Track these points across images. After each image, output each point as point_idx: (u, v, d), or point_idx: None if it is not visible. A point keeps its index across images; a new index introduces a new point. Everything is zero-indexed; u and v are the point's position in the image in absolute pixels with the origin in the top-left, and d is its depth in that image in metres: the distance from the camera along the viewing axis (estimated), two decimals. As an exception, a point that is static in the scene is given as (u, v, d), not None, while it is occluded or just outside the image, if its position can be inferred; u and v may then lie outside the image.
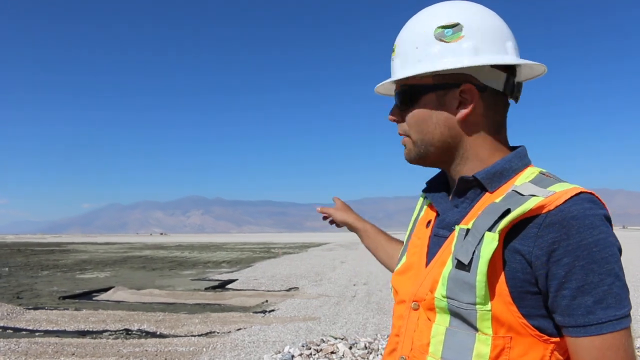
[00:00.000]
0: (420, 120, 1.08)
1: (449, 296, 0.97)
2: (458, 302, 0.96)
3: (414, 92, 1.08)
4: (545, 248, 0.91)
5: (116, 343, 7.35)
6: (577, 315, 0.90)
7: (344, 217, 1.69)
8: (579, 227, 0.90)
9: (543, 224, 0.92)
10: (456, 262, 0.97)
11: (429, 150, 1.09)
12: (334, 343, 6.39)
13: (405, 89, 1.09)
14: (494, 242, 0.92)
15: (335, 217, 1.69)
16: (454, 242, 0.99)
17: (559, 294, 0.91)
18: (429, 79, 1.06)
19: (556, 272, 0.90)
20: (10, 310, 9.81)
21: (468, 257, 0.94)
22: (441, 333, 1.00)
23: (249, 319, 9.22)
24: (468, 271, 0.94)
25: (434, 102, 1.06)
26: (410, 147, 1.11)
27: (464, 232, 0.98)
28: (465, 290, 0.95)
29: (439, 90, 1.06)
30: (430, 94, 1.06)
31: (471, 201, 1.06)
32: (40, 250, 38.80)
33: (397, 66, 1.11)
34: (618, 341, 0.89)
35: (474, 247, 0.95)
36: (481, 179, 1.04)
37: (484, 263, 0.92)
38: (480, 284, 0.92)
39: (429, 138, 1.08)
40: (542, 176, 1.02)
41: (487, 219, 0.96)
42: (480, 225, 0.96)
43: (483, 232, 0.95)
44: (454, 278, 0.96)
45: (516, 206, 0.93)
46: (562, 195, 0.92)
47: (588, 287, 0.89)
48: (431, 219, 1.15)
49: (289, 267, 20.58)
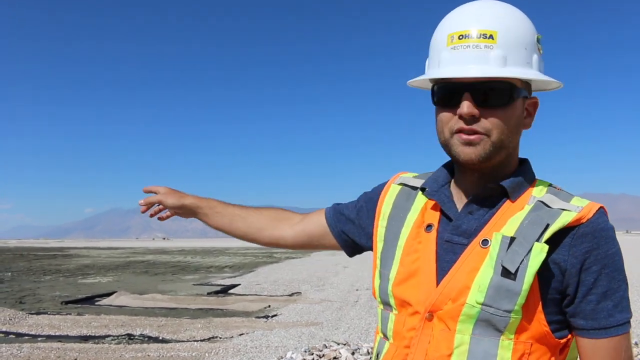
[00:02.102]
0: (508, 122, 1.03)
1: (486, 303, 0.97)
2: (494, 309, 0.96)
3: (514, 92, 1.03)
4: (580, 257, 0.98)
5: (118, 348, 7.34)
6: (600, 319, 0.99)
7: (179, 200, 1.45)
8: (606, 238, 1.00)
9: (576, 235, 0.99)
10: (501, 270, 0.97)
11: (500, 153, 1.05)
12: (337, 348, 6.37)
13: (505, 88, 1.02)
14: (542, 253, 0.96)
15: (166, 203, 1.45)
16: (496, 250, 0.98)
17: (585, 299, 0.99)
18: (520, 82, 1.04)
19: (586, 279, 0.98)
20: (13, 315, 9.81)
21: (515, 266, 0.96)
22: (466, 342, 0.99)
23: (252, 324, 9.20)
24: (514, 280, 0.96)
25: (521, 107, 1.07)
26: (486, 147, 1.02)
27: (507, 240, 0.98)
28: (506, 297, 0.96)
29: (526, 98, 1.08)
30: (520, 99, 1.06)
31: (490, 208, 1.06)
32: (42, 255, 38.81)
33: (497, 58, 1.00)
34: (627, 341, 1.01)
35: (522, 257, 0.96)
36: (508, 187, 1.05)
37: (532, 273, 0.95)
38: (524, 292, 0.95)
39: (508, 141, 1.05)
40: (554, 189, 1.08)
41: (534, 230, 0.98)
42: (528, 235, 0.98)
43: (532, 242, 0.97)
44: (497, 285, 0.96)
45: (553, 219, 0.99)
46: (590, 209, 1.00)
47: (610, 292, 0.99)
48: (432, 222, 1.10)
49: (291, 272, 20.54)
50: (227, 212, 1.44)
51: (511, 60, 1.01)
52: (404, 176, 1.24)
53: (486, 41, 1.00)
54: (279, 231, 1.41)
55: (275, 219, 1.42)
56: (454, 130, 1.03)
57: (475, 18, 1.02)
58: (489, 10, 1.03)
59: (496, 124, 1.01)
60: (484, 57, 1.00)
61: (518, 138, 1.09)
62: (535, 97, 1.11)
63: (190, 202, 1.45)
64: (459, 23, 1.04)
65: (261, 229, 1.42)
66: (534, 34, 1.06)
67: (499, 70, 1.00)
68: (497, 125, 1.01)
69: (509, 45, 1.01)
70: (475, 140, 1.02)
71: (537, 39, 1.06)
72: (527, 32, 1.04)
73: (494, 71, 1.00)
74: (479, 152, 1.02)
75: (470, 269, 1.00)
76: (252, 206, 1.46)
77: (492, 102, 1.01)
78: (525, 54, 1.03)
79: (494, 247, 0.99)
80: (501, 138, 1.02)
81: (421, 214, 1.14)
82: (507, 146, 1.04)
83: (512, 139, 1.05)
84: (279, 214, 1.43)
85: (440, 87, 1.05)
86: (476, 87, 1.00)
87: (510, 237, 0.98)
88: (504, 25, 1.01)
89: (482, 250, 1.00)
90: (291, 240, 1.40)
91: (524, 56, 1.02)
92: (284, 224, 1.41)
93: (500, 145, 1.03)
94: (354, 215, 1.30)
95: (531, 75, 1.03)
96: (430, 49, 1.10)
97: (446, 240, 1.07)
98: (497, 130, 1.01)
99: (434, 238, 1.08)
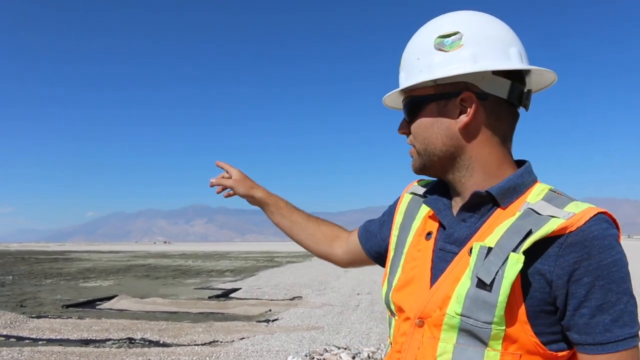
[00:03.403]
0: (422, 130, 1.08)
1: (464, 314, 0.95)
2: (473, 321, 0.94)
3: (417, 102, 1.08)
4: (567, 268, 0.92)
5: (119, 352, 7.33)
6: (595, 334, 0.92)
7: (248, 190, 1.52)
8: (599, 247, 0.92)
9: (564, 244, 0.93)
10: (477, 281, 0.94)
11: (432, 160, 1.08)
12: (337, 353, 6.36)
13: (409, 100, 1.09)
14: (519, 264, 0.92)
15: (237, 191, 1.52)
16: (474, 260, 0.96)
17: (577, 312, 0.93)
18: (430, 89, 1.06)
19: (576, 291, 0.92)
20: (14, 319, 9.80)
21: (490, 277, 0.93)
22: (449, 351, 0.98)
23: (253, 328, 9.19)
24: (489, 291, 0.92)
25: (435, 111, 1.06)
26: (416, 157, 1.11)
27: (485, 251, 0.96)
28: (484, 309, 0.93)
29: (440, 100, 1.05)
30: (431, 104, 1.06)
31: (481, 216, 1.04)
32: (44, 259, 38.83)
33: (403, 78, 1.12)
34: (632, 358, 0.93)
35: (498, 267, 0.93)
36: (495, 194, 1.02)
37: (508, 284, 0.91)
38: (501, 304, 0.92)
39: (431, 148, 1.07)
40: (553, 194, 1.02)
41: (512, 240, 0.94)
42: (504, 245, 0.95)
43: (508, 253, 0.93)
44: (473, 297, 0.94)
45: (537, 227, 0.94)
46: (582, 216, 0.93)
47: (606, 305, 0.91)
48: (432, 230, 1.11)
49: (292, 276, 20.53)
50: (290, 216, 1.53)
51: (407, 76, 1.10)
52: (416, 185, 1.28)
53: (400, 67, 1.14)
54: (332, 249, 1.50)
55: (330, 236, 1.51)
56: None
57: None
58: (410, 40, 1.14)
59: (415, 134, 1.10)
60: (400, 81, 1.13)
61: (454, 141, 1.05)
62: (466, 92, 1.03)
63: (259, 197, 1.53)
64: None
65: (316, 242, 1.52)
66: (429, 39, 1.06)
67: (401, 88, 1.11)
68: (416, 135, 1.10)
69: (405, 65, 1.11)
70: (410, 154, 1.13)
71: (438, 40, 1.05)
72: (419, 41, 1.10)
73: (395, 90, 1.13)
74: (414, 164, 1.12)
75: (454, 278, 0.99)
76: (313, 216, 1.55)
77: (407, 117, 1.11)
78: (418, 63, 1.07)
79: (473, 258, 0.97)
80: (423, 146, 1.08)
81: (423, 222, 1.15)
82: (433, 152, 1.07)
83: (437, 144, 1.06)
84: (333, 232, 1.52)
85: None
86: (404, 106, 1.12)
87: (488, 247, 0.96)
88: (407, 48, 1.12)
89: (467, 260, 0.99)
90: (340, 258, 1.50)
91: (416, 66, 1.08)
92: (336, 243, 1.50)
93: (428, 153, 1.08)
94: (378, 230, 1.36)
95: (411, 82, 1.07)
96: None
97: (440, 248, 1.07)
98: (417, 140, 1.09)
99: (432, 246, 1.09)
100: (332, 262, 1.52)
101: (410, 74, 1.09)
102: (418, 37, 1.11)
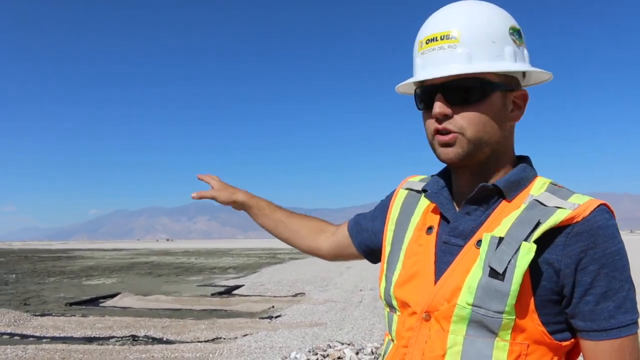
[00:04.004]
0: (484, 118, 1.02)
1: (475, 304, 0.96)
2: (485, 310, 0.96)
3: (486, 87, 1.02)
4: (575, 256, 0.95)
5: (123, 349, 7.36)
6: (600, 320, 0.96)
7: (229, 197, 1.51)
8: (604, 236, 0.96)
9: (571, 233, 0.96)
10: (489, 270, 0.96)
11: (482, 150, 1.04)
12: (341, 348, 6.37)
13: (475, 84, 1.01)
14: (530, 253, 0.94)
15: (219, 200, 1.50)
16: (485, 250, 0.98)
17: (583, 299, 0.96)
18: (494, 76, 1.03)
19: (582, 279, 0.95)
20: (18, 317, 9.84)
21: (503, 266, 0.95)
22: (459, 343, 0.99)
23: (256, 325, 9.21)
24: (502, 280, 0.94)
25: (500, 101, 1.04)
26: (463, 145, 1.02)
27: (496, 241, 0.97)
28: (496, 298, 0.95)
29: (506, 91, 1.05)
30: (497, 93, 1.04)
31: (486, 209, 1.05)
32: (47, 257, 38.94)
33: (461, 56, 1.01)
34: (633, 343, 0.97)
35: (510, 257, 0.95)
36: (502, 187, 1.04)
37: (520, 273, 0.94)
38: (514, 292, 0.94)
39: (487, 138, 1.03)
40: (554, 187, 1.05)
41: (523, 229, 0.96)
42: (516, 235, 0.96)
43: (519, 243, 0.95)
44: (485, 286, 0.95)
45: (545, 217, 0.96)
46: (587, 207, 0.97)
47: (610, 292, 0.95)
48: (433, 224, 1.12)
49: (295, 272, 20.56)
50: (273, 216, 1.52)
51: (477, 56, 1.01)
52: (411, 180, 1.27)
53: (449, 41, 1.02)
54: (317, 243, 1.49)
55: (315, 230, 1.50)
56: (433, 132, 1.05)
57: (438, 21, 1.05)
58: (452, 11, 1.06)
59: (470, 120, 1.02)
60: (449, 57, 1.02)
61: (503, 133, 1.06)
62: (522, 90, 1.08)
63: (241, 201, 1.52)
64: (426, 29, 1.07)
65: (301, 237, 1.51)
66: (505, 26, 1.04)
67: (463, 67, 1.00)
68: (471, 122, 1.02)
69: (473, 42, 1.01)
70: (450, 140, 1.03)
71: (511, 31, 1.05)
72: (495, 25, 1.03)
73: (458, 68, 1.00)
74: (456, 152, 1.03)
75: (464, 270, 1.00)
76: (296, 213, 1.54)
77: (463, 100, 1.02)
78: (493, 47, 1.02)
79: (483, 248, 0.98)
80: (477, 135, 1.02)
81: (423, 216, 1.15)
82: (488, 142, 1.03)
83: (493, 134, 1.03)
84: (319, 226, 1.51)
85: (418, 92, 1.08)
86: (447, 87, 1.02)
87: (499, 237, 0.98)
88: (467, 22, 1.02)
89: (475, 251, 1.00)
90: (326, 251, 1.49)
91: (492, 50, 1.02)
92: (322, 237, 1.49)
93: (478, 142, 1.02)
94: (370, 225, 1.36)
95: (497, 67, 1.01)
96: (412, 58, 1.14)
97: (444, 241, 1.07)
98: (472, 127, 1.02)
99: (434, 240, 1.09)
100: (317, 255, 1.51)
101: (483, 56, 1.01)
102: (488, 19, 1.04)
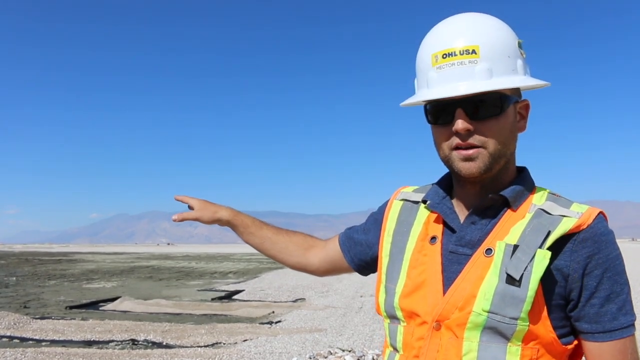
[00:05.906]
0: (504, 131, 1.05)
1: (492, 310, 0.98)
2: (500, 317, 0.98)
3: (504, 101, 1.04)
4: (582, 262, 1.00)
5: (122, 353, 7.35)
6: (604, 322, 1.00)
7: (212, 216, 1.46)
8: (606, 242, 1.01)
9: (577, 240, 1.00)
10: (506, 277, 0.98)
11: (499, 162, 1.07)
12: (341, 355, 6.36)
13: (494, 98, 1.03)
14: (545, 260, 0.97)
15: (202, 220, 1.47)
16: (500, 257, 1.00)
17: (588, 303, 1.01)
18: (508, 89, 1.06)
19: (588, 283, 1.00)
20: (17, 320, 9.82)
21: (519, 273, 0.97)
22: (474, 349, 1.01)
23: (256, 330, 9.19)
24: (519, 286, 0.97)
25: (513, 113, 1.08)
26: (485, 159, 1.04)
27: (510, 249, 1.00)
28: (512, 305, 0.97)
29: (516, 102, 1.09)
30: (511, 106, 1.07)
31: (492, 218, 1.07)
32: (47, 260, 38.88)
33: (482, 71, 1.02)
34: (633, 343, 1.03)
35: (526, 264, 0.97)
36: (509, 197, 1.06)
37: (537, 279, 0.97)
38: (530, 299, 0.96)
39: (505, 150, 1.06)
40: (553, 196, 1.09)
41: (536, 237, 1.00)
42: (530, 242, 0.99)
43: (535, 250, 0.98)
44: (502, 293, 0.98)
45: (554, 226, 1.00)
46: (590, 215, 1.02)
47: (613, 295, 1.01)
48: (436, 234, 1.12)
49: (295, 278, 20.51)
50: (259, 233, 1.48)
51: (496, 71, 1.03)
52: (405, 191, 1.27)
53: (470, 57, 1.02)
54: (306, 259, 1.46)
55: (303, 246, 1.47)
56: (453, 147, 1.05)
57: (455, 35, 1.04)
58: (468, 25, 1.05)
59: (491, 134, 1.03)
60: (470, 73, 1.02)
61: (515, 144, 1.10)
62: (525, 100, 1.12)
63: (225, 219, 1.48)
64: (440, 42, 1.06)
65: (289, 255, 1.48)
66: (515, 40, 1.07)
67: (486, 84, 1.01)
68: (493, 136, 1.03)
69: (492, 57, 1.02)
70: (473, 155, 1.04)
71: (518, 44, 1.08)
72: (508, 40, 1.06)
73: (481, 85, 1.01)
74: (479, 166, 1.04)
75: (476, 277, 1.01)
76: (283, 229, 1.51)
77: (484, 114, 1.03)
78: (509, 61, 1.04)
79: (498, 255, 1.00)
80: (498, 148, 1.04)
81: (425, 226, 1.15)
82: (505, 154, 1.07)
83: (510, 147, 1.08)
84: (306, 242, 1.48)
85: (432, 106, 1.08)
86: (467, 102, 1.02)
87: (513, 245, 1.00)
88: (485, 38, 1.03)
89: (486, 259, 1.02)
90: (316, 267, 1.46)
91: (509, 64, 1.04)
92: (310, 252, 1.46)
93: (498, 155, 1.05)
94: (363, 238, 1.35)
95: (517, 82, 1.04)
96: (417, 70, 1.12)
97: (450, 251, 1.08)
98: (493, 141, 1.04)
99: (439, 250, 1.10)
100: (307, 272, 1.48)
101: (501, 71, 1.03)
102: (502, 34, 1.05)
